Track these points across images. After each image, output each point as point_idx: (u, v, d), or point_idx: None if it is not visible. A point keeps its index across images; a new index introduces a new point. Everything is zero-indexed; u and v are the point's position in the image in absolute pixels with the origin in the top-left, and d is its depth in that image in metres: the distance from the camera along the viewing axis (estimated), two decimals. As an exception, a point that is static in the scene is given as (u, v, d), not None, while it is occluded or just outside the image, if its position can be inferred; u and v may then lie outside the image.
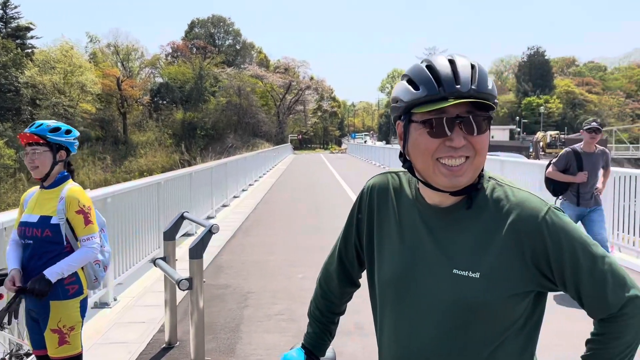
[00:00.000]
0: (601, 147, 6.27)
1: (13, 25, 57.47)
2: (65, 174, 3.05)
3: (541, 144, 53.97)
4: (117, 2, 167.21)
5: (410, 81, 1.27)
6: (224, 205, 13.60)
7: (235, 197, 15.56)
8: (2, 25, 56.92)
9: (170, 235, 4.62)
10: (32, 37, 58.69)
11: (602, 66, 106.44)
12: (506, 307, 1.25)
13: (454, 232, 1.30)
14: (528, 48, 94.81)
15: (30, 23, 58.25)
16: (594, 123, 6.17)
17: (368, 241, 1.48)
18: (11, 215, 3.81)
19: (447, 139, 1.23)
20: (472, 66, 1.25)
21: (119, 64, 68.58)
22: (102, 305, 5.63)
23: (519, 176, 11.62)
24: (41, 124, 3.01)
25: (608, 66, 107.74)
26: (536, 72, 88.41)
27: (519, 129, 77.70)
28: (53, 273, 2.85)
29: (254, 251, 8.34)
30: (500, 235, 1.25)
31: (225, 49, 78.22)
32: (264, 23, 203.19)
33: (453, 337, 1.27)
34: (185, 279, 3.80)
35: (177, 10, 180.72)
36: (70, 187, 2.99)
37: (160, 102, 67.03)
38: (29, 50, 56.67)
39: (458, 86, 1.20)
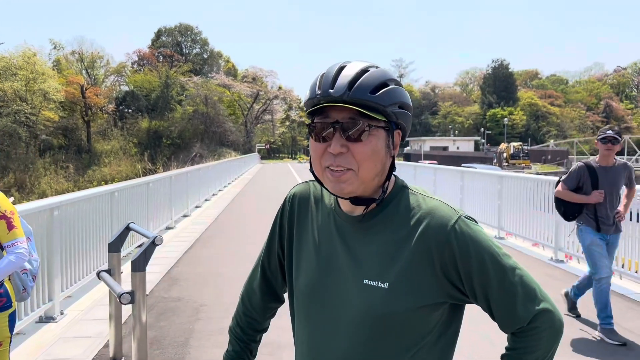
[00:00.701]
0: (622, 160, 5.30)
1: (-27, 30, 56.02)
2: None
3: (505, 154, 55.06)
4: (83, 9, 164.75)
5: None
6: (185, 216, 13.39)
7: (197, 207, 15.36)
8: (-39, 30, 55.42)
9: (115, 247, 4.48)
10: (-8, 43, 57.36)
11: (563, 79, 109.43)
12: (417, 319, 1.22)
13: (365, 241, 1.28)
14: (493, 61, 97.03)
15: (-9, 28, 56.87)
16: (610, 132, 5.08)
17: (288, 252, 1.46)
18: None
19: (328, 145, 1.22)
20: (363, 72, 1.23)
21: (84, 71, 67.51)
22: (47, 319, 5.44)
23: (485, 186, 11.72)
24: None
25: (569, 79, 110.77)
26: (500, 84, 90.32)
27: (483, 140, 79.10)
28: None
29: (211, 262, 8.21)
30: (409, 245, 1.23)
31: (193, 57, 77.77)
32: (231, 32, 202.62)
33: (365, 348, 1.24)
34: (127, 293, 3.68)
35: (144, 19, 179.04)
36: None
37: (126, 110, 66.11)
38: (-11, 56, 55.24)
39: (331, 90, 1.20)
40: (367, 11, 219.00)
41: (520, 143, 61.87)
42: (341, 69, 1.24)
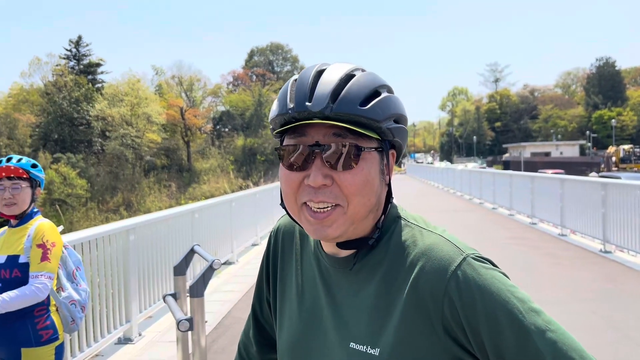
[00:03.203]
0: None
1: (85, 62, 60.81)
2: (35, 210, 2.86)
3: (613, 158, 51.34)
4: (181, 35, 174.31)
5: None
6: (272, 232, 13.40)
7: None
8: (75, 62, 60.31)
9: (180, 270, 4.38)
10: (102, 72, 61.89)
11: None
12: None
13: (351, 291, 0.99)
14: (597, 59, 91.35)
15: (101, 59, 61.47)
16: None
17: (273, 297, 1.18)
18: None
19: (305, 175, 0.94)
20: (348, 77, 0.94)
21: (183, 94, 71.04)
22: (125, 341, 5.47)
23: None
24: (20, 159, 2.84)
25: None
26: (606, 83, 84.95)
27: (589, 144, 74.53)
28: None
29: (292, 280, 8.04)
30: (401, 296, 0.93)
31: (284, 75, 79.70)
32: (321, 48, 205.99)
33: None
34: (185, 320, 3.54)
35: (237, 40, 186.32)
36: (41, 222, 2.79)
37: (222, 129, 68.87)
38: (99, 85, 59.73)
39: (308, 103, 0.92)
40: (460, 19, 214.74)
41: (631, 145, 57.41)
42: (319, 74, 0.95)
